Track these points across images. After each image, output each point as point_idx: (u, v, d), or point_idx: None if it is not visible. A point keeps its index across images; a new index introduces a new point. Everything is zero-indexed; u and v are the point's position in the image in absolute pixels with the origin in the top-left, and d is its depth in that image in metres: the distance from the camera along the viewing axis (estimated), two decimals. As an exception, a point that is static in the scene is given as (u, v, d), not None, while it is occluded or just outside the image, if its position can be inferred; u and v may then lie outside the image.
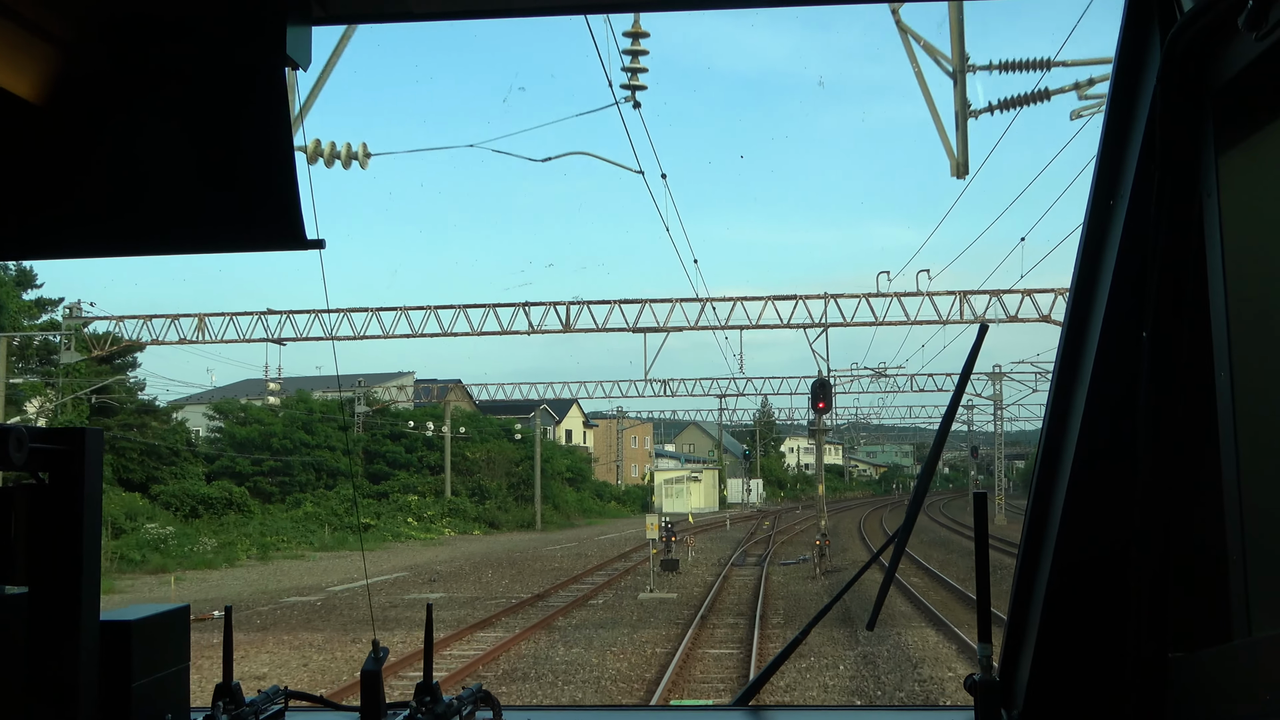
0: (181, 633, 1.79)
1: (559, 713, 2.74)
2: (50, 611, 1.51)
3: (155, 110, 1.65)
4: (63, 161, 1.67)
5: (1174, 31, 1.69)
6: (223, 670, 1.88)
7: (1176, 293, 1.77)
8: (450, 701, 1.93)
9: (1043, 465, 1.96)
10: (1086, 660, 1.87)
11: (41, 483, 1.54)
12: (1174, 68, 1.71)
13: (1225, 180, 1.66)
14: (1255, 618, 1.59)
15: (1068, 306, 1.95)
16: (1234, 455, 1.64)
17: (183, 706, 1.78)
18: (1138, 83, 1.84)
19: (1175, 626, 1.78)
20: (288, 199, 1.58)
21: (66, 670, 1.52)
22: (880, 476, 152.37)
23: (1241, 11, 1.46)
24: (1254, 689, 1.52)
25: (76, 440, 1.55)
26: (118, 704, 1.62)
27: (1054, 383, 1.97)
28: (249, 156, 1.63)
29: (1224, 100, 1.67)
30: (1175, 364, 1.77)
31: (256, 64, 1.60)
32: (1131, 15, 1.85)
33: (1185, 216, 1.75)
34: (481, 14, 1.82)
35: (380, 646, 1.89)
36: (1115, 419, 1.84)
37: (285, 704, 1.97)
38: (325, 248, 1.61)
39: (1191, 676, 1.71)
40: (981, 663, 1.90)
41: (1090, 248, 1.92)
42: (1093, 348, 1.87)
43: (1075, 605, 1.88)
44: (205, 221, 1.66)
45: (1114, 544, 1.84)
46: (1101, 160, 1.90)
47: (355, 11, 1.85)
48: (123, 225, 1.66)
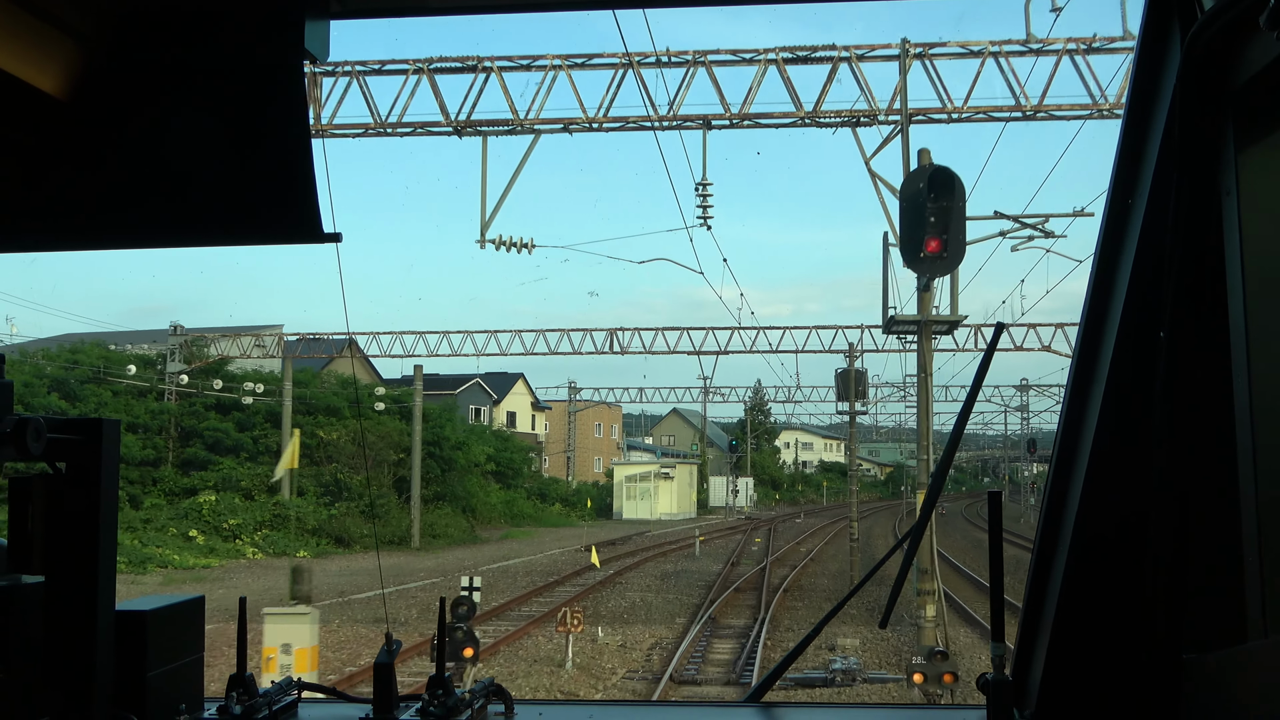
0: (196, 623, 1.82)
1: (570, 707, 2.44)
2: (67, 601, 1.53)
3: (175, 104, 1.67)
4: (85, 155, 1.69)
5: (1194, 30, 1.69)
6: (236, 661, 1.87)
7: (1194, 292, 1.76)
8: (462, 694, 1.93)
9: (1058, 465, 1.96)
10: (1100, 660, 1.87)
11: (59, 472, 1.55)
12: (1194, 67, 1.71)
13: (1244, 179, 1.67)
14: (1271, 619, 1.59)
15: (1085, 305, 1.95)
16: (1251, 456, 1.64)
17: (196, 696, 1.81)
18: (1157, 82, 1.85)
19: (1190, 628, 1.77)
20: (305, 192, 1.60)
21: (82, 659, 1.55)
22: (887, 477, 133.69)
23: (1262, 10, 1.45)
24: (1268, 691, 1.52)
25: (93, 430, 1.56)
26: (132, 693, 1.64)
27: (1070, 382, 1.97)
28: (267, 150, 1.65)
29: (1244, 99, 1.67)
30: (1193, 364, 1.77)
31: (275, 58, 1.61)
32: (1151, 14, 1.86)
33: (1204, 216, 1.75)
34: (497, 9, 1.84)
35: (393, 639, 1.90)
36: (1131, 419, 1.83)
37: (298, 695, 1.97)
38: (342, 240, 1.61)
39: (1206, 678, 1.71)
40: (994, 662, 1.90)
41: (1108, 246, 1.92)
42: (1110, 347, 1.86)
43: (1089, 605, 1.87)
44: (224, 214, 1.69)
45: (1129, 544, 1.84)
46: (1120, 159, 1.91)
47: (373, 5, 1.83)
48: (143, 217, 1.69)
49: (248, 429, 42.68)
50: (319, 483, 40.82)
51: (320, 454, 42.54)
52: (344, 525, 37.90)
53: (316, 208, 1.59)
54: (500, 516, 53.67)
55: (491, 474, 57.05)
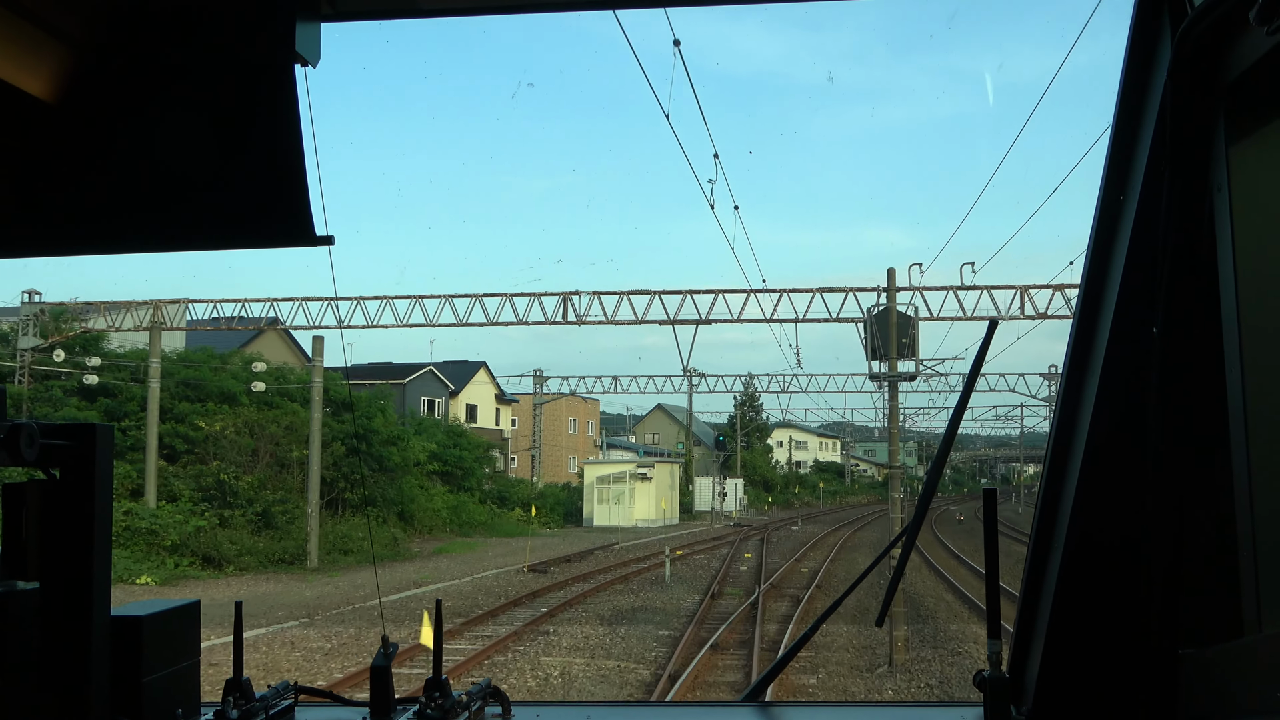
0: (192, 628, 1.81)
1: (568, 708, 2.38)
2: (61, 607, 1.53)
3: (166, 107, 1.67)
4: (75, 158, 1.68)
5: (1185, 26, 1.70)
6: (233, 665, 1.86)
7: (1187, 288, 1.77)
8: (459, 697, 1.93)
9: (1053, 462, 1.96)
10: (1096, 657, 1.87)
11: (53, 478, 1.55)
12: (1185, 62, 1.72)
13: (1236, 175, 1.67)
14: (1266, 614, 1.60)
15: (1078, 302, 1.96)
16: (1245, 451, 1.64)
17: (193, 701, 1.80)
18: (1148, 77, 1.85)
19: (1186, 623, 1.77)
20: (297, 196, 1.60)
21: (77, 665, 1.54)
22: (884, 478, 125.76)
23: (1253, 6, 1.47)
24: (1264, 686, 1.53)
25: (87, 436, 1.56)
26: (128, 699, 1.63)
27: (1064, 379, 1.97)
28: (259, 153, 1.65)
29: (1235, 95, 1.68)
30: (1186, 360, 1.78)
31: (266, 61, 1.61)
32: (1142, 9, 1.86)
33: (1196, 212, 1.75)
34: (488, 10, 1.83)
35: (390, 642, 1.89)
36: (1125, 415, 1.84)
37: (295, 699, 1.96)
38: (334, 244, 1.62)
39: (1202, 673, 1.72)
40: (990, 659, 1.89)
41: (1100, 243, 1.92)
42: (1103, 343, 1.87)
43: (1085, 601, 1.87)
44: (215, 218, 1.68)
45: (1124, 540, 1.84)
46: (1112, 155, 1.91)
47: (364, 8, 1.81)
48: (134, 222, 1.69)
49: (117, 418, 34.28)
50: (199, 485, 32.48)
51: (205, 449, 34.18)
52: (215, 541, 29.43)
53: (308, 211, 1.59)
54: (445, 524, 45.38)
55: (437, 474, 48.77)
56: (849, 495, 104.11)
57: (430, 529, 44.17)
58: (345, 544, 34.19)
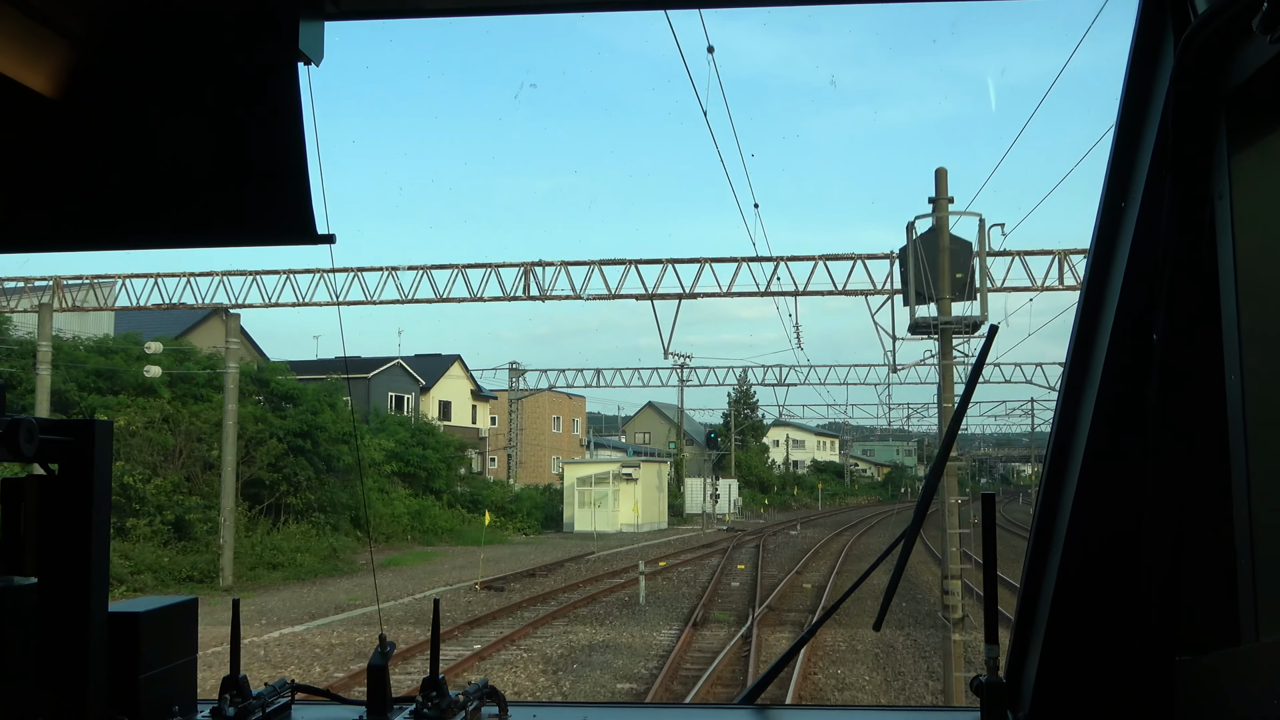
0: (189, 625, 1.82)
1: (564, 709, 2.36)
2: (59, 602, 1.54)
3: (169, 105, 1.67)
4: (78, 156, 1.69)
5: (1188, 33, 1.69)
6: (230, 663, 1.87)
7: (1188, 295, 1.77)
8: (456, 696, 1.93)
9: (1052, 467, 1.96)
10: (1093, 662, 1.87)
11: (51, 474, 1.56)
12: (1187, 69, 1.72)
13: (1238, 183, 1.67)
14: (1264, 622, 1.60)
15: (1078, 308, 1.95)
16: (1244, 459, 1.65)
17: (190, 698, 1.81)
18: (1150, 84, 1.85)
19: (1184, 629, 1.78)
20: (300, 194, 1.60)
21: (75, 661, 1.55)
22: (884, 478, 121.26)
23: (1256, 13, 1.47)
24: (1262, 693, 1.53)
25: (86, 432, 1.56)
26: (125, 695, 1.64)
27: (1064, 384, 1.97)
28: (261, 152, 1.65)
29: (1237, 103, 1.68)
30: (1186, 366, 1.77)
31: (269, 60, 1.62)
32: (1145, 17, 1.86)
33: (1197, 219, 1.75)
34: (492, 10, 1.83)
35: (387, 642, 1.89)
36: (1125, 421, 1.83)
37: (292, 697, 1.97)
38: (336, 242, 1.62)
39: (1199, 680, 1.72)
40: (988, 664, 1.89)
41: (1101, 250, 1.91)
42: (1103, 350, 1.86)
43: (1082, 607, 1.87)
44: (218, 216, 1.68)
45: (1122, 546, 1.84)
46: (1113, 162, 1.91)
47: (368, 7, 1.83)
48: (136, 219, 1.69)
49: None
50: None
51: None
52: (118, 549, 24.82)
53: (310, 210, 1.60)
54: (406, 531, 40.74)
55: (398, 476, 44.13)
56: (849, 496, 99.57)
57: (389, 537, 39.58)
58: (275, 557, 29.55)
